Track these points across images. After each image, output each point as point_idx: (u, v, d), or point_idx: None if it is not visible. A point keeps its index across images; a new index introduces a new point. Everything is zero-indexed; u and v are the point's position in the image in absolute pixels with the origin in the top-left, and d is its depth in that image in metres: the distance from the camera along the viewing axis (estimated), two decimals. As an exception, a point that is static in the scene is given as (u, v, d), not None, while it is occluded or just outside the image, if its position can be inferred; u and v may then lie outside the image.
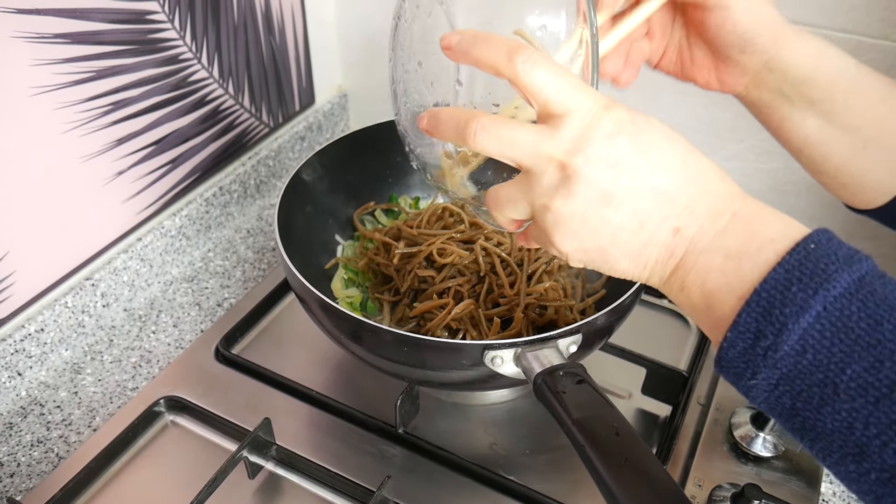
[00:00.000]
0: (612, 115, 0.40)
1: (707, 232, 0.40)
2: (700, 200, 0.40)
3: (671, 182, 0.40)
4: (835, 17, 0.76)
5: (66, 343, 0.79)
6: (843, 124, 0.56)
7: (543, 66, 0.40)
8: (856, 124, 0.55)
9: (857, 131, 0.56)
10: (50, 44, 0.69)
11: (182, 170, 0.90)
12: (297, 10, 1.00)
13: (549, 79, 0.40)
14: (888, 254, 0.87)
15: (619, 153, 0.39)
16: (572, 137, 0.40)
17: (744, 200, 0.41)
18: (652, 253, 0.41)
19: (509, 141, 0.41)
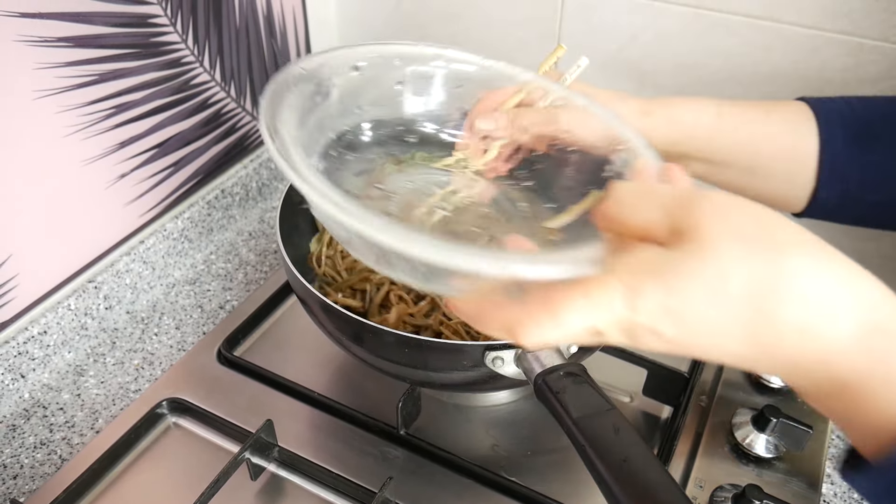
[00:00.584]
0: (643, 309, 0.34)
1: None
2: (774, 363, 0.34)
3: (737, 351, 0.34)
4: (835, 19, 0.76)
5: (68, 345, 0.79)
6: (720, 162, 0.60)
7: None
8: (732, 160, 0.60)
9: (736, 164, 0.60)
10: (53, 47, 0.69)
11: (184, 173, 0.90)
12: (298, 12, 1.01)
13: None
14: (889, 254, 0.87)
15: (669, 335, 0.34)
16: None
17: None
18: None
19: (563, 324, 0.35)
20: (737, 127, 0.60)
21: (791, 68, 0.81)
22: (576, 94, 0.58)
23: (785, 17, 0.79)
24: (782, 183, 0.61)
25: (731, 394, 0.75)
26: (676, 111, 0.60)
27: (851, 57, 0.78)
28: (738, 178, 0.62)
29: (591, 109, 0.56)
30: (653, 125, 0.59)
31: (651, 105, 0.60)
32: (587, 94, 0.58)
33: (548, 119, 0.58)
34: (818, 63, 0.80)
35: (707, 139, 0.59)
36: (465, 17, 0.98)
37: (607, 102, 0.58)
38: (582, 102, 0.57)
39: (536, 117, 0.58)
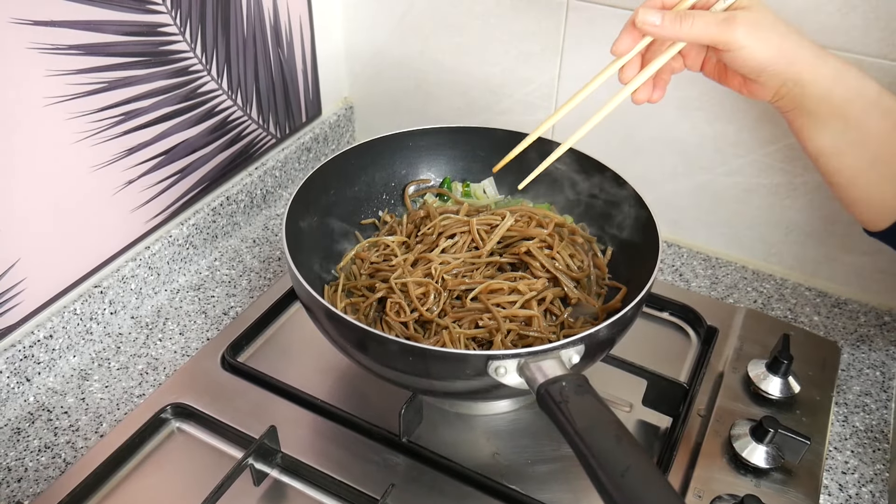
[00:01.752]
0: None
1: None
2: None
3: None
4: (835, 36, 0.78)
5: (73, 349, 0.80)
6: (853, 140, 0.59)
7: None
8: (864, 141, 0.59)
9: (865, 148, 0.59)
10: (64, 55, 0.70)
11: (190, 179, 0.91)
12: (304, 23, 1.02)
13: None
14: (886, 269, 0.88)
15: None
16: None
17: None
18: None
19: None
20: (888, 112, 0.59)
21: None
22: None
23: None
24: (891, 187, 0.61)
25: (730, 405, 0.75)
26: (845, 71, 0.58)
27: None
28: (856, 165, 0.60)
29: (770, 22, 0.56)
30: (820, 66, 0.57)
31: (823, 52, 0.58)
32: (768, 20, 0.57)
33: (725, 21, 0.56)
34: (818, 79, 0.81)
35: (860, 111, 0.58)
36: (469, 29, 0.99)
37: (784, 25, 0.57)
38: (769, 16, 0.56)
39: (712, 26, 0.56)
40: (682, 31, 0.56)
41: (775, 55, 0.56)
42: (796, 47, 0.57)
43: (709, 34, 0.56)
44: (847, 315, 0.90)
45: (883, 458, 0.73)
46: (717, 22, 0.56)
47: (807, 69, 0.57)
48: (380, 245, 0.82)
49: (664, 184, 0.97)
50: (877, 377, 0.82)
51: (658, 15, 0.57)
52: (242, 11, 0.90)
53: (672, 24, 0.56)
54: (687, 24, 0.56)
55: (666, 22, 0.57)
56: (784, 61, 0.57)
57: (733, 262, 0.98)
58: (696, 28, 0.56)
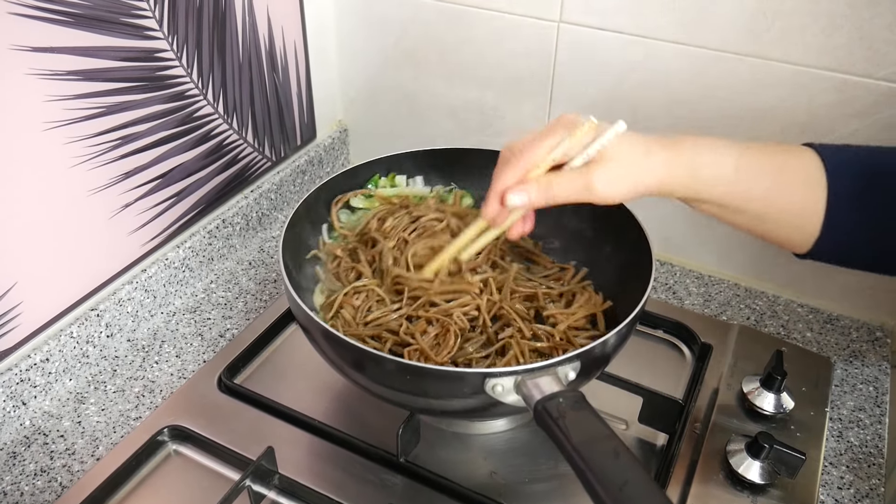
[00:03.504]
0: None
1: None
2: None
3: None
4: (820, 56, 0.79)
5: (70, 373, 0.80)
6: (734, 209, 0.63)
7: None
8: (745, 208, 0.63)
9: (748, 213, 0.63)
10: (62, 80, 0.71)
11: (186, 203, 0.92)
12: (299, 48, 1.03)
13: None
14: (876, 285, 0.89)
15: None
16: None
17: None
18: None
19: None
20: (753, 180, 0.62)
21: (779, 104, 0.84)
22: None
23: (772, 55, 0.82)
24: (790, 230, 0.64)
25: (725, 421, 0.76)
26: (698, 162, 0.61)
27: (837, 93, 0.80)
28: (748, 223, 0.65)
29: (621, 168, 0.60)
30: (674, 176, 0.61)
31: (674, 154, 0.61)
32: (615, 161, 0.61)
33: (584, 185, 0.60)
34: (805, 99, 0.82)
35: (724, 192, 0.62)
36: (462, 53, 1.00)
37: (632, 155, 0.61)
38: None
39: (573, 190, 0.61)
40: (550, 199, 0.61)
41: (630, 193, 0.61)
42: (646, 176, 0.61)
43: (572, 195, 0.61)
44: (839, 331, 0.91)
45: (878, 472, 0.74)
46: (578, 187, 0.60)
47: (662, 187, 0.62)
48: (362, 292, 0.76)
49: (656, 202, 0.97)
50: (870, 392, 0.82)
51: (524, 193, 0.61)
52: (238, 37, 0.91)
53: (539, 196, 0.61)
54: (552, 193, 0.61)
55: (534, 196, 0.61)
56: (642, 191, 0.62)
57: (726, 280, 0.99)
58: (560, 193, 0.61)
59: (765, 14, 0.80)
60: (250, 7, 0.92)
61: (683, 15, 0.84)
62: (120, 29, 0.75)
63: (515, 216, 0.65)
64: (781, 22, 0.79)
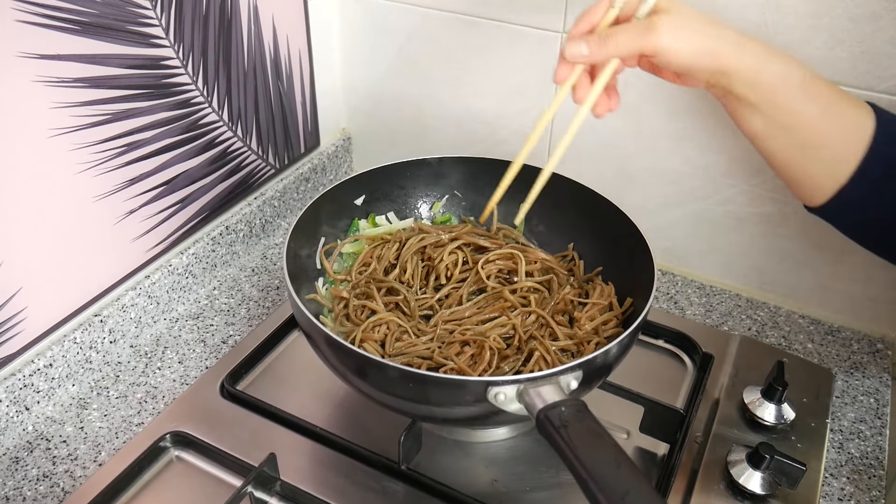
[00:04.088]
0: None
1: None
2: None
3: None
4: (822, 69, 0.80)
5: (73, 378, 0.80)
6: (782, 124, 0.62)
7: None
8: (793, 126, 0.62)
9: (794, 132, 0.62)
10: (69, 87, 0.72)
11: (190, 209, 0.92)
12: (304, 56, 1.04)
13: None
14: (878, 296, 0.90)
15: None
16: None
17: None
18: None
19: None
20: (813, 98, 0.61)
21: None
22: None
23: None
24: (822, 169, 0.64)
25: (726, 431, 0.76)
26: (770, 58, 0.61)
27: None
28: (788, 147, 0.63)
29: (691, 22, 0.58)
30: (743, 56, 0.60)
31: (745, 41, 0.60)
32: (688, 17, 0.59)
33: (646, 31, 0.58)
34: (807, 111, 0.83)
35: (784, 98, 0.61)
36: (466, 62, 1.01)
37: (704, 18, 0.59)
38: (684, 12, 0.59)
39: (634, 36, 0.58)
40: (610, 52, 0.59)
41: (698, 53, 0.59)
42: (717, 42, 0.59)
43: (634, 47, 0.59)
44: (840, 342, 0.91)
45: (879, 484, 0.74)
46: (639, 33, 0.58)
47: (730, 61, 0.59)
48: (381, 325, 0.75)
49: (658, 213, 0.98)
50: (871, 404, 0.82)
51: (583, 44, 0.60)
52: (243, 45, 0.92)
53: (599, 49, 0.59)
54: (612, 45, 0.59)
55: (593, 48, 0.60)
56: (708, 58, 0.59)
57: (727, 290, 0.99)
58: (621, 45, 0.59)
59: (767, 27, 0.80)
60: (256, 15, 0.92)
61: (686, 27, 0.84)
62: (126, 37, 0.76)
63: (597, 91, 0.63)
64: (783, 36, 0.80)
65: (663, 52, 0.58)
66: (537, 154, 0.70)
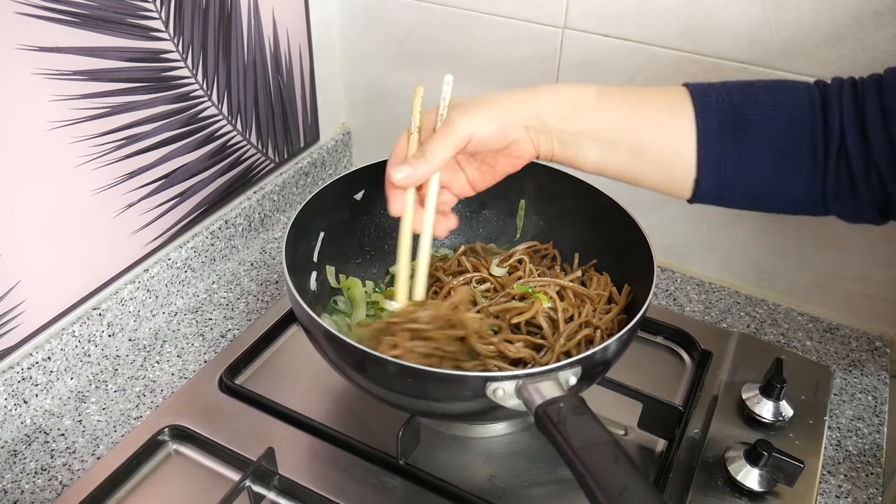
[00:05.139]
0: None
1: None
2: None
3: None
4: (823, 66, 0.80)
5: (71, 372, 0.80)
6: (606, 143, 0.63)
7: None
8: (614, 140, 0.62)
9: (619, 146, 0.62)
10: (68, 80, 0.72)
11: (189, 203, 0.92)
12: (304, 50, 1.04)
13: None
14: (876, 295, 0.90)
15: None
16: None
17: None
18: None
19: None
20: (617, 106, 0.62)
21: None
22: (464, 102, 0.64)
23: (776, 64, 0.82)
24: (667, 169, 0.63)
25: (724, 428, 0.76)
26: (559, 90, 0.63)
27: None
28: (626, 161, 0.63)
29: (476, 103, 0.63)
30: (540, 105, 0.62)
31: (535, 90, 0.63)
32: (474, 100, 0.64)
33: (447, 129, 0.62)
34: (807, 108, 0.83)
35: (591, 116, 0.62)
36: (467, 56, 1.01)
37: (493, 98, 0.63)
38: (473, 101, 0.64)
39: (440, 139, 0.62)
40: (431, 161, 0.63)
41: (498, 118, 0.62)
42: (509, 101, 0.63)
43: (447, 146, 0.62)
44: (839, 340, 0.91)
45: (876, 482, 0.74)
46: (443, 134, 0.62)
47: (526, 107, 0.62)
48: None
49: (658, 209, 0.98)
50: (869, 402, 0.83)
51: (406, 166, 0.63)
52: (243, 39, 0.92)
53: (421, 164, 0.63)
54: (430, 154, 0.63)
55: (415, 165, 0.63)
56: (508, 117, 0.62)
57: (726, 287, 0.99)
58: (434, 152, 0.63)
59: (769, 24, 0.80)
60: (256, 9, 0.92)
61: (688, 23, 0.84)
62: (126, 29, 0.76)
63: (430, 213, 0.67)
64: (785, 32, 0.80)
65: (471, 134, 0.62)
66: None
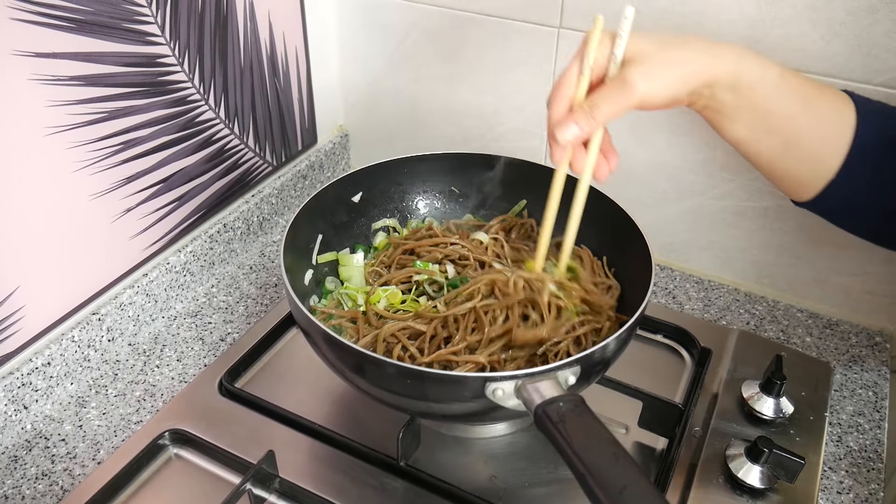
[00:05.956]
0: None
1: None
2: None
3: None
4: (819, 62, 0.80)
5: (71, 377, 0.80)
6: (765, 127, 0.62)
7: None
8: (776, 126, 0.62)
9: (777, 133, 0.62)
10: (65, 86, 0.72)
11: (187, 207, 0.92)
12: (300, 53, 1.04)
13: None
14: (875, 290, 0.90)
15: None
16: None
17: None
18: None
19: None
20: (792, 95, 0.61)
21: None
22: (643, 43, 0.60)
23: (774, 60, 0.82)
24: (809, 166, 0.63)
25: (725, 425, 0.76)
26: (743, 58, 0.60)
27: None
28: (772, 148, 0.63)
29: (659, 61, 0.59)
30: (720, 71, 0.60)
31: (715, 47, 0.60)
32: (653, 56, 0.59)
33: (622, 89, 0.58)
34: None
35: (764, 98, 0.61)
36: (463, 59, 1.01)
37: (668, 46, 0.60)
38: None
39: (614, 98, 0.59)
40: (599, 122, 0.60)
41: (676, 84, 0.59)
42: (689, 65, 0.59)
43: (619, 108, 0.59)
44: (839, 336, 0.91)
45: (877, 477, 0.74)
46: (617, 94, 0.59)
47: (708, 74, 0.59)
48: None
49: (656, 208, 0.98)
50: (869, 397, 0.83)
51: (572, 125, 0.60)
52: (240, 42, 0.92)
53: (588, 123, 0.60)
54: (599, 114, 0.60)
55: (582, 124, 0.60)
56: (686, 83, 0.59)
57: (725, 285, 0.99)
58: (606, 111, 0.59)
59: (764, 21, 0.80)
60: (252, 12, 0.92)
61: (682, 20, 0.84)
62: (122, 34, 0.76)
63: (592, 157, 0.64)
64: (781, 29, 0.80)
65: (647, 100, 0.59)
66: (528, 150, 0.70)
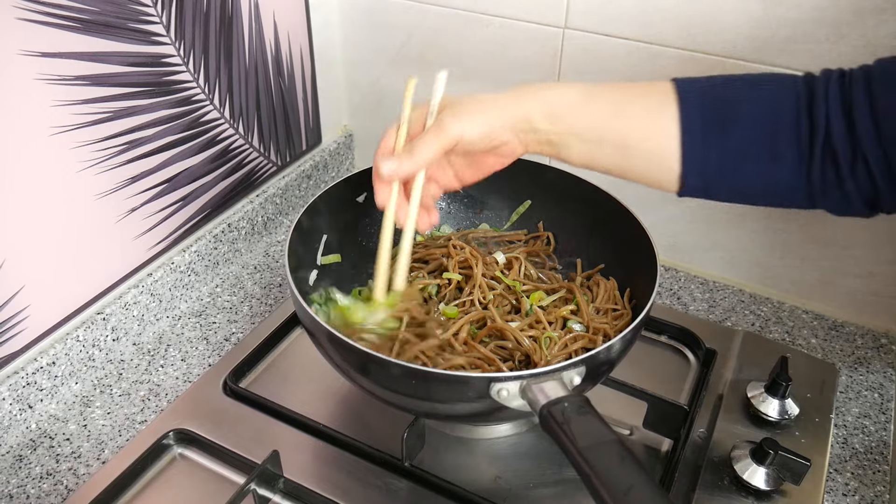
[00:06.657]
0: None
1: None
2: None
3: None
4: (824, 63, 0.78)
5: (76, 376, 0.80)
6: (594, 142, 0.63)
7: None
8: (601, 139, 0.63)
9: (606, 144, 0.63)
10: (70, 85, 0.72)
11: (192, 207, 0.92)
12: (305, 53, 1.04)
13: None
14: (880, 291, 0.89)
15: None
16: None
17: None
18: None
19: None
20: (602, 104, 0.63)
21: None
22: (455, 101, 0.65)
23: (777, 62, 0.82)
24: (653, 164, 0.63)
25: (730, 427, 0.76)
26: (544, 93, 0.64)
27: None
28: (613, 156, 0.63)
29: (468, 104, 0.64)
30: (527, 109, 0.63)
31: (521, 94, 0.64)
32: (464, 102, 0.64)
33: (438, 129, 0.63)
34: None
35: (578, 115, 0.62)
36: (468, 58, 1.01)
37: (483, 101, 0.64)
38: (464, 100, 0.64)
39: (429, 139, 0.63)
40: (418, 159, 0.64)
41: (486, 120, 0.63)
42: (496, 101, 0.64)
43: (435, 146, 0.63)
44: (844, 337, 0.91)
45: (883, 479, 0.73)
46: (433, 134, 0.63)
47: (514, 108, 0.63)
48: None
49: (661, 208, 0.98)
50: (875, 399, 0.82)
51: (393, 162, 0.64)
52: (244, 42, 0.92)
53: (407, 161, 0.64)
54: (417, 153, 0.63)
55: (402, 161, 0.64)
56: (497, 120, 0.63)
57: (731, 286, 0.99)
58: (422, 151, 0.63)
59: (770, 22, 0.80)
60: (257, 13, 0.92)
61: (689, 21, 0.84)
62: (127, 34, 0.76)
63: (414, 207, 0.68)
64: (786, 30, 0.79)
65: (460, 138, 0.62)
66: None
